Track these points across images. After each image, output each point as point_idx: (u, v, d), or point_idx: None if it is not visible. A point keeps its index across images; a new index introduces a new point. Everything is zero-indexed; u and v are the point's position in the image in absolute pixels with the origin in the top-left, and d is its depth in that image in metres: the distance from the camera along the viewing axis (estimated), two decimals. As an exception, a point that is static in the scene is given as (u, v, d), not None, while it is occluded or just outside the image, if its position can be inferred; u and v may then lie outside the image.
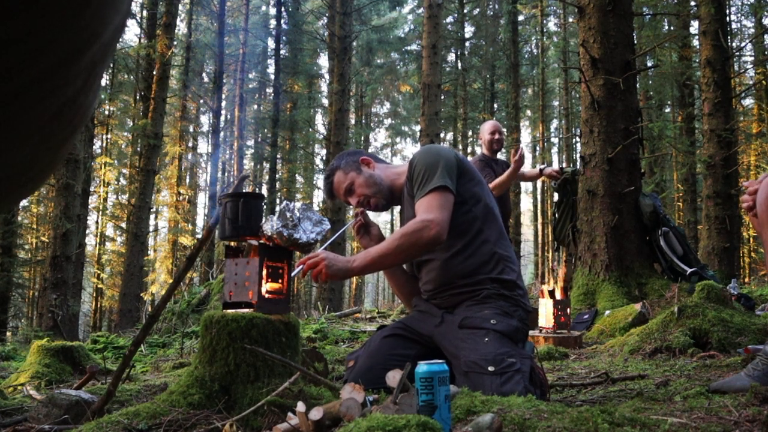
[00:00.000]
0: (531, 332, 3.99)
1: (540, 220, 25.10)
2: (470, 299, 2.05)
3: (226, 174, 25.20)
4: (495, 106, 22.07)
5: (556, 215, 6.32)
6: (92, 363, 3.21)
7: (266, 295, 1.90)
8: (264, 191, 20.69)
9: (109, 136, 21.50)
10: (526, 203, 30.27)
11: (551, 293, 4.13)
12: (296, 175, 25.64)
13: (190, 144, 24.74)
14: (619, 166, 5.75)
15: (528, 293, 2.22)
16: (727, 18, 13.99)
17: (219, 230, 1.96)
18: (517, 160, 4.39)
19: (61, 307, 9.75)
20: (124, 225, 19.99)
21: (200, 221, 26.49)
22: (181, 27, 21.64)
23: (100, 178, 20.86)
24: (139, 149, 16.61)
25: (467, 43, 21.92)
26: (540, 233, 24.61)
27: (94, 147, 17.20)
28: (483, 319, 1.96)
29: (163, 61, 13.97)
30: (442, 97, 17.32)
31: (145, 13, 16.35)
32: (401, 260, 2.11)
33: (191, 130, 24.20)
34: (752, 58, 17.80)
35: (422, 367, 1.27)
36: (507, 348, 1.87)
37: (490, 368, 1.80)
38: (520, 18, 20.41)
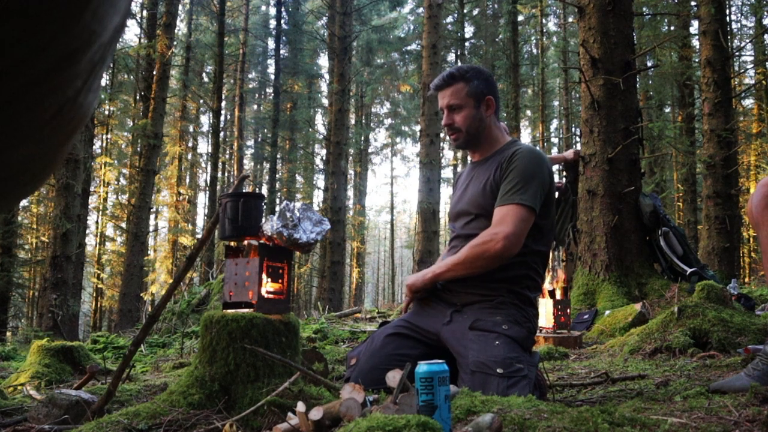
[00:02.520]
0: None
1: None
2: (484, 302, 2.05)
3: (226, 174, 25.22)
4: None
5: (554, 215, 6.33)
6: (92, 363, 3.21)
7: (266, 295, 1.90)
8: (264, 191, 20.70)
9: (109, 136, 21.50)
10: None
11: (551, 293, 4.13)
12: (296, 175, 25.65)
13: (190, 144, 24.74)
14: (619, 166, 5.75)
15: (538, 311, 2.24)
16: (727, 18, 14.00)
17: (219, 230, 1.96)
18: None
19: (61, 307, 9.75)
20: (124, 225, 19.99)
21: (200, 221, 26.50)
22: (181, 27, 21.65)
23: (100, 178, 20.86)
24: (139, 149, 16.61)
25: (467, 43, 21.92)
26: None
27: (94, 147, 17.20)
28: (495, 324, 1.96)
29: (163, 61, 13.98)
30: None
31: (145, 13, 16.35)
32: (471, 271, 2.05)
33: (191, 130, 24.20)
34: (752, 58, 17.80)
35: (422, 367, 1.27)
36: (516, 353, 1.87)
37: (499, 370, 1.80)
38: (520, 18, 20.40)
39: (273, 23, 22.62)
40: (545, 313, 4.11)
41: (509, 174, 2.06)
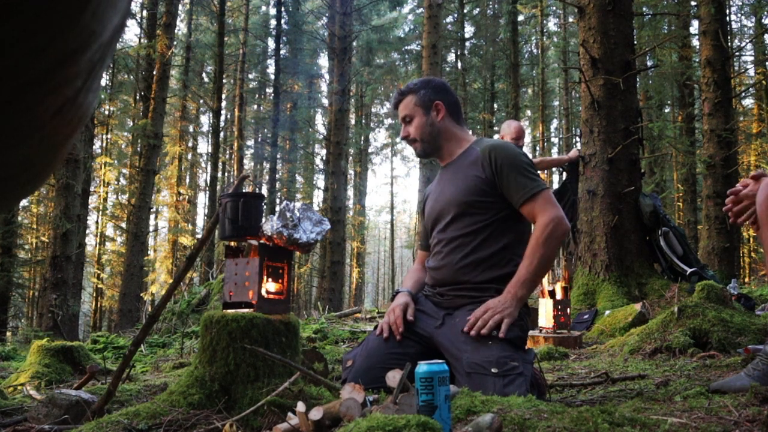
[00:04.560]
0: (531, 332, 3.99)
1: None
2: (474, 303, 2.05)
3: (226, 174, 25.21)
4: (495, 106, 22.06)
5: None
6: (92, 363, 3.21)
7: (266, 295, 1.90)
8: (264, 191, 20.69)
9: (109, 136, 21.50)
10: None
11: (551, 293, 4.13)
12: (296, 175, 25.65)
13: (190, 144, 24.74)
14: (619, 166, 5.75)
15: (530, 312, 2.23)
16: (727, 18, 14.00)
17: (219, 230, 1.96)
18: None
19: (61, 307, 9.75)
20: (124, 225, 19.99)
21: (200, 221, 26.49)
22: (181, 27, 21.65)
23: (100, 178, 20.85)
24: (139, 149, 16.61)
25: (467, 43, 21.91)
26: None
27: (94, 147, 17.20)
28: None
29: (163, 61, 13.97)
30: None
31: (145, 13, 16.35)
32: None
33: (191, 130, 24.20)
34: (752, 58, 17.80)
35: (422, 367, 1.26)
36: (510, 352, 1.88)
37: (494, 370, 1.80)
38: (520, 18, 20.40)
39: (273, 23, 22.61)
40: (545, 313, 4.11)
41: (502, 168, 2.08)
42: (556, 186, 6.41)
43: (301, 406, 1.35)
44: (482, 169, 2.11)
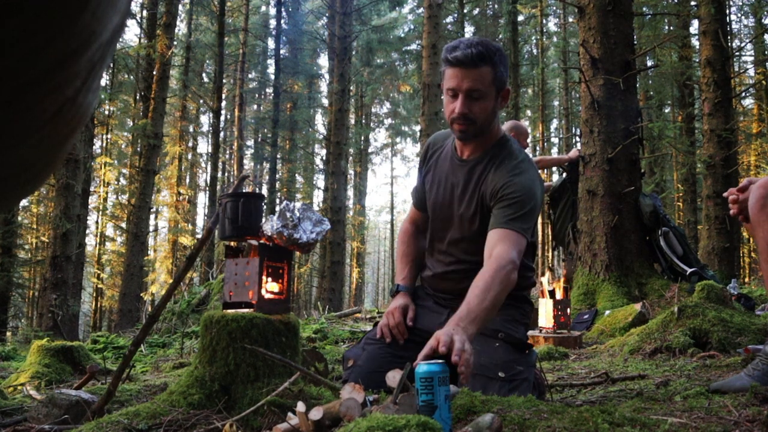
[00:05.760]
0: (531, 332, 3.99)
1: (540, 220, 25.09)
2: None
3: (226, 174, 25.22)
4: (495, 106, 22.02)
5: (553, 215, 6.32)
6: (92, 363, 3.21)
7: (266, 295, 1.90)
8: (264, 191, 20.69)
9: (109, 136, 21.50)
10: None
11: (551, 293, 4.13)
12: (296, 175, 25.64)
13: (190, 144, 24.74)
14: (619, 166, 5.75)
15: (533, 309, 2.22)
16: (727, 18, 13.99)
17: (219, 230, 1.96)
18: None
19: (61, 307, 9.75)
20: (124, 225, 19.99)
21: (200, 221, 26.49)
22: (181, 27, 21.63)
23: (100, 178, 20.85)
24: (139, 149, 16.60)
25: (467, 43, 21.87)
26: (540, 233, 24.61)
27: (94, 147, 17.20)
28: (494, 325, 1.92)
29: (163, 61, 13.97)
30: (442, 97, 17.28)
31: (145, 13, 16.34)
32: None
33: (191, 130, 24.20)
34: (752, 58, 17.80)
35: (422, 367, 1.26)
36: (516, 355, 1.86)
37: (501, 374, 1.78)
38: (520, 18, 20.39)
39: (273, 23, 22.61)
40: (545, 313, 4.11)
41: (509, 195, 1.89)
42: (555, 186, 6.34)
43: (301, 406, 1.35)
44: (488, 198, 1.95)
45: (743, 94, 15.98)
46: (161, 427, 1.58)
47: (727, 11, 13.83)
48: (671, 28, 15.59)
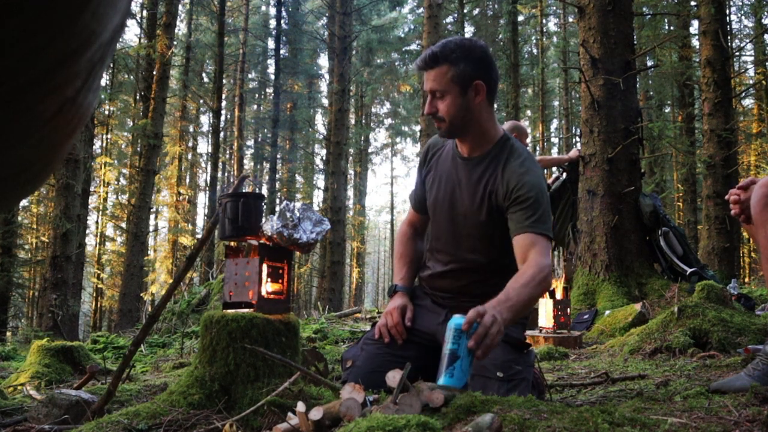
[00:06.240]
0: (531, 332, 3.99)
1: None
2: (477, 303, 2.03)
3: (226, 174, 25.22)
4: (495, 105, 22.05)
5: (553, 215, 6.34)
6: (92, 363, 3.21)
7: (266, 295, 1.90)
8: (264, 191, 20.69)
9: (109, 136, 21.50)
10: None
11: (551, 293, 4.13)
12: (296, 175, 25.66)
13: (190, 144, 24.75)
14: (619, 166, 5.75)
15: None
16: (727, 18, 14.00)
17: (219, 230, 1.96)
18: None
19: (61, 307, 9.75)
20: (124, 225, 19.98)
21: (200, 221, 26.49)
22: (181, 27, 21.63)
23: (100, 178, 20.85)
24: (139, 149, 16.61)
25: (467, 43, 21.88)
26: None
27: (94, 147, 17.20)
28: None
29: (163, 61, 13.97)
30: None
31: (145, 13, 16.34)
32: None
33: (191, 130, 24.20)
34: (752, 58, 17.80)
35: (456, 320, 1.50)
36: (515, 355, 1.86)
37: (499, 374, 1.78)
38: (520, 18, 20.39)
39: (273, 23, 22.63)
40: (545, 313, 4.11)
41: (523, 197, 1.87)
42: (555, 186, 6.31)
43: (301, 406, 1.35)
44: (496, 197, 1.93)
45: (743, 94, 15.98)
46: (161, 427, 1.58)
47: (727, 11, 13.83)
48: (671, 28, 15.59)
